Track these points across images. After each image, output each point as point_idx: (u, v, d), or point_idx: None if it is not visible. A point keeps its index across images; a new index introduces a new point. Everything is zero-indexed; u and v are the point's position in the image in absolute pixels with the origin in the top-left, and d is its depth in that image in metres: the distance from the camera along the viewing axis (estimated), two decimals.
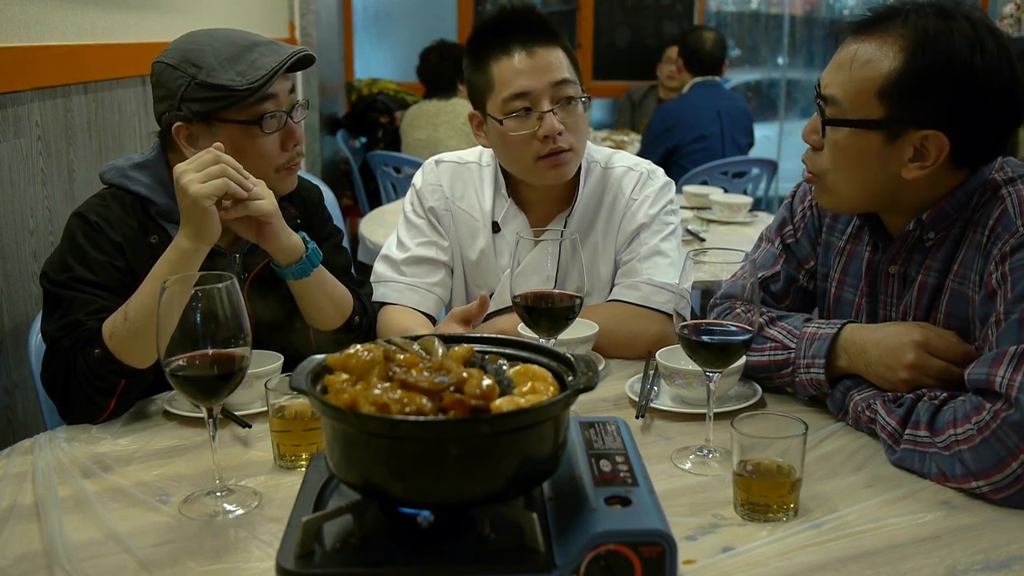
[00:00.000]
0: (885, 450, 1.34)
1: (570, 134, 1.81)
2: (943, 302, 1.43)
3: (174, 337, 1.16)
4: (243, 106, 1.58)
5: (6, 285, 2.07)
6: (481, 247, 1.96)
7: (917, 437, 1.28)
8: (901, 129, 1.35)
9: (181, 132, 1.60)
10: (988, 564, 1.07)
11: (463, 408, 0.91)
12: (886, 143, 1.37)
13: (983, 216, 1.37)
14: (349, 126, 5.85)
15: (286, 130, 1.65)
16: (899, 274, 1.49)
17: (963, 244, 1.40)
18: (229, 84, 1.56)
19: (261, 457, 1.38)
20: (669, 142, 4.40)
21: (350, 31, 6.62)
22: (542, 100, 1.79)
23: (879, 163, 1.38)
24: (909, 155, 1.36)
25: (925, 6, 1.36)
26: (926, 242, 1.44)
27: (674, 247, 1.91)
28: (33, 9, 2.23)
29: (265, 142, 1.62)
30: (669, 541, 0.93)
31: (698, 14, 6.61)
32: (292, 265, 1.60)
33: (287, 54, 1.60)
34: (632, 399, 1.56)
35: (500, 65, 1.82)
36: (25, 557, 1.12)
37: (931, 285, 1.44)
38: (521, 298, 1.46)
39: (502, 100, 1.81)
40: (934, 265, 1.44)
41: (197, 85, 1.56)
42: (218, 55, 1.58)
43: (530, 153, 1.81)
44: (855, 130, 1.38)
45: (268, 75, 1.57)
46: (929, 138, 1.34)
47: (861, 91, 1.36)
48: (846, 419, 1.44)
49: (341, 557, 0.93)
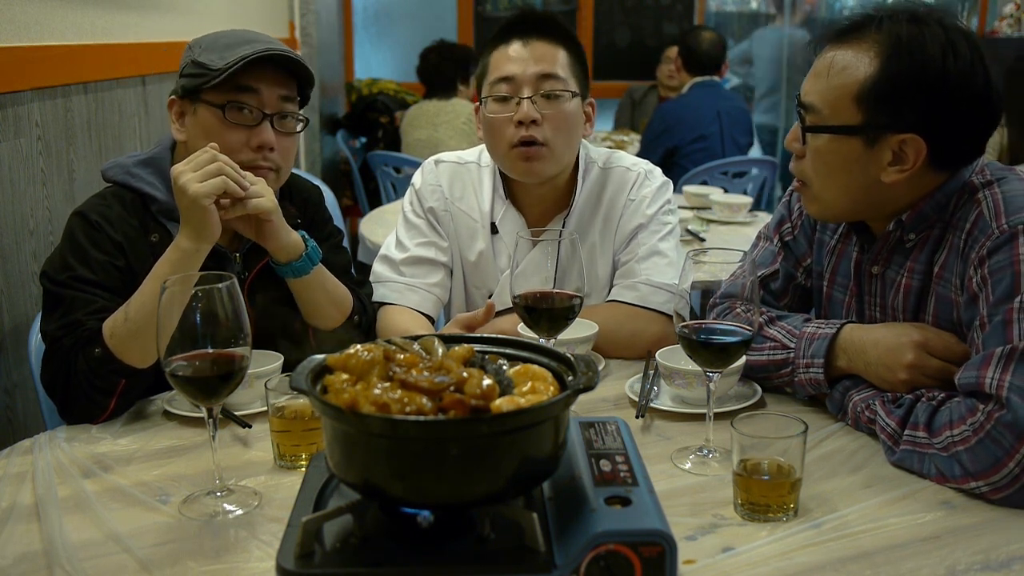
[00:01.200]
0: (885, 451, 1.34)
1: (549, 128, 1.81)
2: (930, 305, 1.44)
3: (174, 337, 1.16)
4: (217, 89, 1.59)
5: (6, 285, 2.07)
6: (480, 249, 1.96)
7: (916, 438, 1.29)
8: (879, 134, 1.37)
9: (174, 105, 1.66)
10: (988, 564, 1.07)
11: (463, 408, 0.91)
12: (865, 148, 1.39)
13: (961, 220, 1.38)
14: (349, 126, 5.85)
15: (257, 130, 1.62)
16: (880, 275, 1.51)
17: (943, 247, 1.41)
18: (206, 63, 1.59)
19: (261, 457, 1.38)
20: (669, 142, 4.40)
21: (350, 31, 6.62)
22: (523, 87, 1.81)
23: (859, 168, 1.40)
24: (888, 159, 1.38)
25: (899, 13, 1.39)
26: (906, 243, 1.46)
27: (672, 247, 1.91)
28: (33, 9, 2.23)
29: (229, 132, 1.60)
30: (669, 541, 0.93)
31: (698, 14, 6.62)
32: (292, 263, 1.60)
33: (265, 47, 1.59)
34: (632, 399, 1.56)
35: (497, 52, 1.87)
36: (25, 557, 1.12)
37: (915, 288, 1.46)
38: (521, 298, 1.46)
39: (489, 83, 1.86)
40: (916, 268, 1.45)
41: (192, 63, 1.62)
42: (219, 41, 1.62)
43: (505, 139, 1.83)
44: (835, 136, 1.41)
45: (236, 60, 1.57)
46: (907, 142, 1.36)
47: (839, 98, 1.39)
48: (845, 419, 1.44)
49: (341, 557, 0.93)
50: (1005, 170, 1.43)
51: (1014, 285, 1.26)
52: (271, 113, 1.63)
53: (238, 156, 1.60)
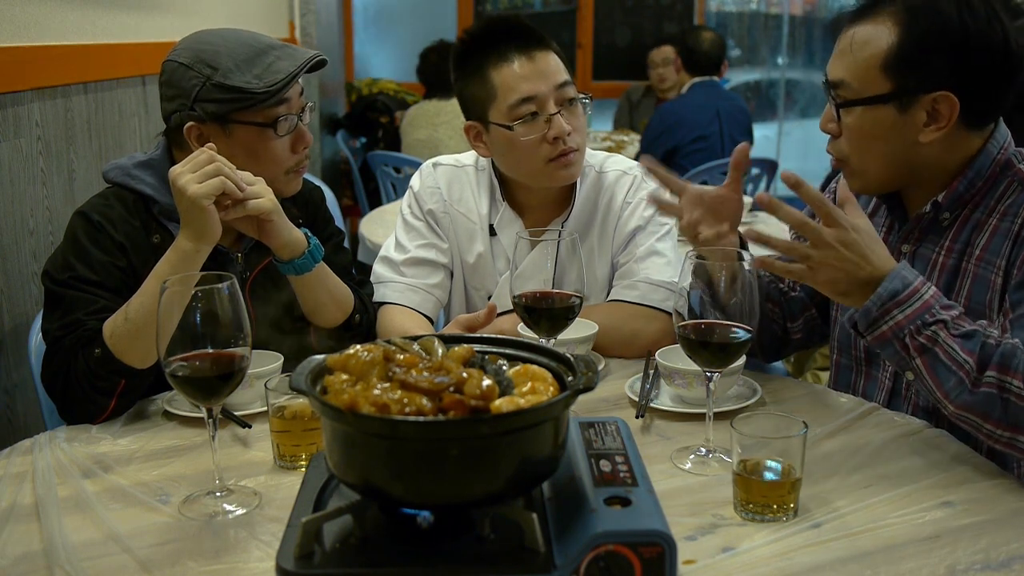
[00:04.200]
0: (951, 388, 1.27)
1: (577, 134, 1.83)
2: (964, 285, 1.46)
3: (174, 337, 1.16)
4: (258, 109, 1.59)
5: (6, 285, 2.07)
6: (479, 251, 1.95)
7: (1006, 383, 1.23)
8: (911, 97, 1.42)
9: (193, 132, 1.60)
10: (988, 564, 1.07)
11: (463, 408, 0.91)
12: (899, 114, 1.43)
13: (1012, 205, 1.42)
14: (349, 126, 5.85)
15: (296, 133, 1.66)
16: (911, 252, 1.54)
17: (985, 229, 1.44)
18: (246, 87, 1.57)
19: (261, 457, 1.38)
20: (669, 143, 4.40)
21: (350, 31, 6.62)
22: (548, 103, 1.80)
23: (896, 134, 1.44)
24: (923, 120, 1.43)
25: None
26: (942, 222, 1.49)
27: (670, 247, 1.92)
28: (33, 9, 2.23)
29: (277, 144, 1.63)
30: (669, 541, 0.93)
31: (698, 14, 6.62)
32: (294, 260, 1.60)
33: (304, 59, 1.61)
34: (632, 399, 1.56)
35: (501, 72, 1.81)
36: (25, 557, 1.12)
37: (950, 267, 1.48)
38: (521, 298, 1.46)
39: (508, 106, 1.81)
40: (954, 247, 1.47)
41: (213, 86, 1.57)
42: (234, 57, 1.58)
43: (540, 156, 1.82)
44: (868, 108, 1.44)
45: (286, 79, 1.58)
46: (939, 99, 1.41)
47: (867, 70, 1.43)
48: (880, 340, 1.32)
49: (341, 557, 0.93)
50: None
51: None
52: (298, 113, 1.66)
53: (286, 163, 1.66)
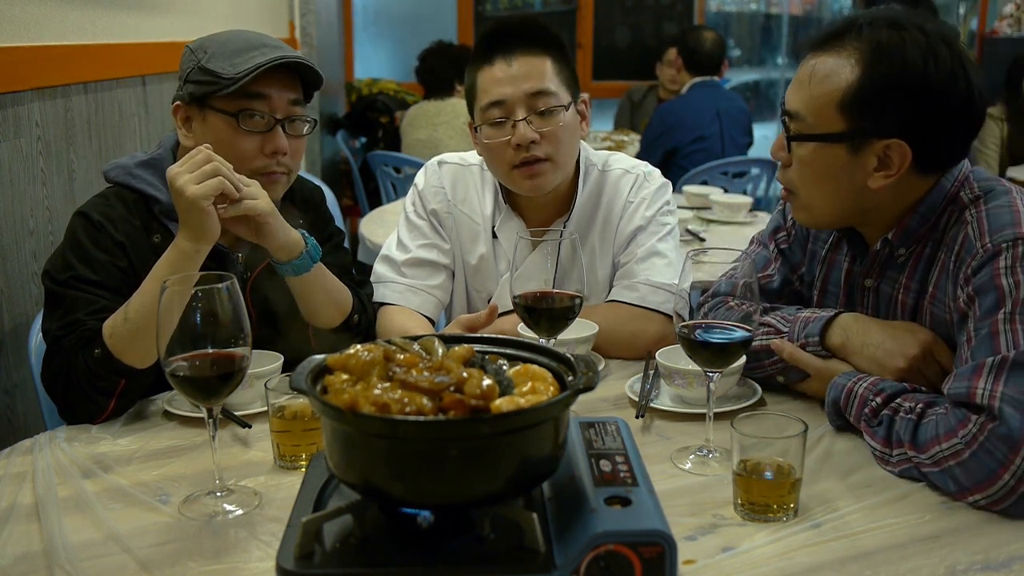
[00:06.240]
0: (883, 467, 1.32)
1: (548, 144, 1.79)
2: (924, 323, 1.44)
3: (174, 337, 1.16)
4: (229, 97, 1.59)
5: (6, 285, 2.07)
6: (481, 252, 1.95)
7: (907, 455, 1.27)
8: (863, 140, 1.38)
9: (179, 111, 1.65)
10: (988, 564, 1.07)
11: (463, 408, 0.91)
12: (850, 154, 1.39)
13: (951, 240, 1.39)
14: (349, 126, 5.84)
15: (269, 135, 1.63)
16: (874, 288, 1.52)
17: (935, 265, 1.42)
18: (218, 71, 1.58)
19: (261, 457, 1.38)
20: (669, 143, 4.40)
21: (350, 31, 6.62)
22: (516, 109, 1.78)
23: (845, 175, 1.40)
24: (873, 165, 1.39)
25: (879, 18, 1.39)
26: (898, 259, 1.47)
27: (671, 248, 1.91)
28: (33, 9, 2.23)
29: (244, 139, 1.61)
30: (669, 541, 0.93)
31: (698, 14, 6.62)
32: (292, 261, 1.60)
33: (279, 55, 1.60)
34: (632, 399, 1.56)
35: (482, 74, 1.83)
36: (25, 557, 1.12)
37: (910, 305, 1.46)
38: (521, 298, 1.46)
39: (480, 108, 1.83)
40: (912, 285, 1.46)
41: (198, 69, 1.61)
42: (227, 47, 1.61)
43: (505, 161, 1.81)
44: (820, 144, 1.41)
45: (250, 69, 1.57)
46: (891, 147, 1.37)
47: (822, 105, 1.39)
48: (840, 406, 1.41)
49: (341, 557, 0.93)
50: (992, 180, 1.43)
51: (998, 299, 1.27)
52: (281, 118, 1.64)
53: (252, 163, 1.62)
